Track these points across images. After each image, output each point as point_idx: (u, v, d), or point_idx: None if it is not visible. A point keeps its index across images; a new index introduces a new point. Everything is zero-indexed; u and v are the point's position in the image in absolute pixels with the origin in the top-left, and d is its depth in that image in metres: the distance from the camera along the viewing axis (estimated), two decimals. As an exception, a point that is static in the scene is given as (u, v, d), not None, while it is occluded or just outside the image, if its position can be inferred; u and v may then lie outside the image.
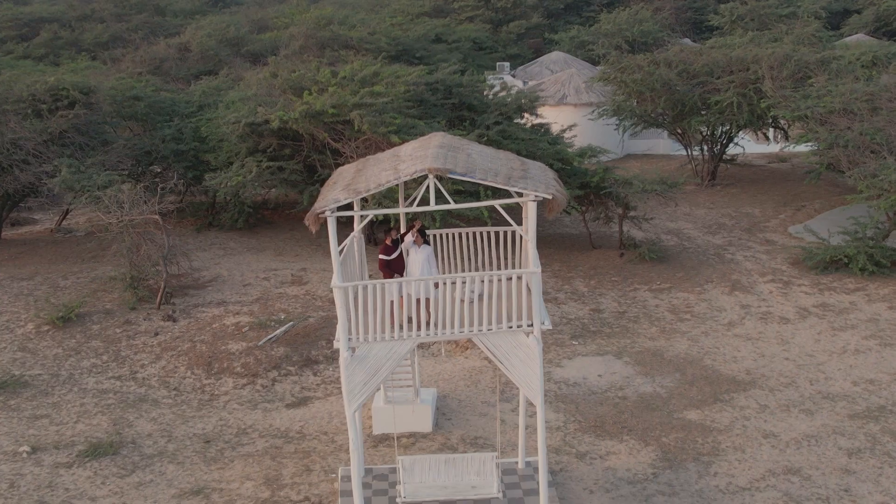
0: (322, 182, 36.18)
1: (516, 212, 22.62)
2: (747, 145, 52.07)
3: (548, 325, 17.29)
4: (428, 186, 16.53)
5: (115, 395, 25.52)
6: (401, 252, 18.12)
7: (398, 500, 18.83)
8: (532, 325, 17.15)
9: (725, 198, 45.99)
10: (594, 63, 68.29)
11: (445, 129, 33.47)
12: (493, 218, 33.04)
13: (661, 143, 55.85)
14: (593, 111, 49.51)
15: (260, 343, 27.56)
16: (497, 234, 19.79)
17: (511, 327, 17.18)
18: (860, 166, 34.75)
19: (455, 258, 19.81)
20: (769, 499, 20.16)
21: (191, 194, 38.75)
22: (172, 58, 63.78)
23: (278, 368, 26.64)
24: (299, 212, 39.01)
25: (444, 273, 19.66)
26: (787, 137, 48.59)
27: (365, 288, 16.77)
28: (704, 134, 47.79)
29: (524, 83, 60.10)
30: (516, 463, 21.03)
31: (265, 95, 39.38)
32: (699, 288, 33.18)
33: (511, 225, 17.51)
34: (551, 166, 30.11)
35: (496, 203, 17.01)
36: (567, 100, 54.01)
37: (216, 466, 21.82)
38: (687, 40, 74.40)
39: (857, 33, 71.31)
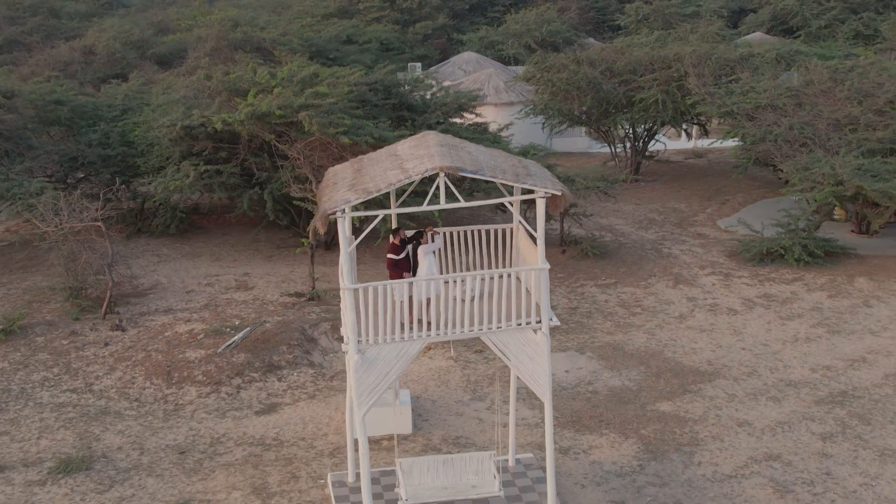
0: (260, 185, 35.62)
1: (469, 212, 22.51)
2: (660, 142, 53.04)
3: (556, 322, 17.33)
4: (438, 185, 16.36)
5: (75, 409, 24.63)
6: (408, 252, 17.92)
7: (400, 502, 18.63)
8: (540, 321, 17.17)
9: (650, 194, 46.76)
10: (505, 63, 68.69)
11: (391, 130, 33.26)
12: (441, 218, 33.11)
13: (580, 141, 56.53)
14: (520, 110, 49.84)
15: (219, 350, 26.92)
16: (487, 232, 19.71)
17: (520, 324, 17.17)
18: (792, 160, 35.78)
19: (446, 258, 19.66)
20: (756, 485, 20.59)
21: (117, 200, 37.65)
22: (77, 61, 61.83)
23: (241, 375, 26.06)
24: (237, 215, 38.35)
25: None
26: (706, 133, 49.77)
27: (375, 289, 16.53)
28: (627, 131, 48.57)
29: (437, 83, 59.98)
30: (506, 461, 21.02)
31: (193, 98, 38.56)
32: (644, 282, 33.68)
33: (524, 224, 17.47)
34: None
35: (506, 201, 16.99)
36: (487, 100, 54.16)
37: (198, 477, 21.24)
38: (591, 40, 75.48)
39: (754, 32, 73.32)
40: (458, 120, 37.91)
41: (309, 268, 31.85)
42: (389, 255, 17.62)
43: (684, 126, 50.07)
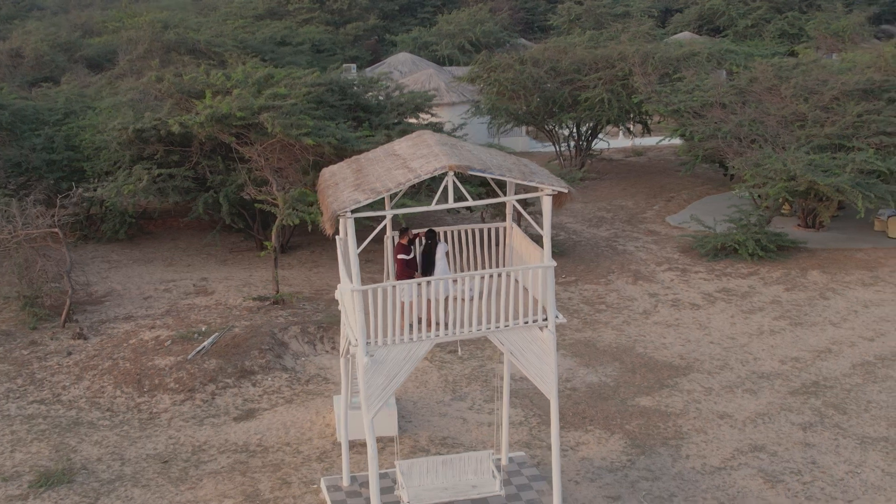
0: (214, 188, 35.06)
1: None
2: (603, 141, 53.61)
3: (562, 319, 17.36)
4: (447, 184, 16.26)
5: (46, 420, 23.94)
6: (415, 252, 17.76)
7: (401, 505, 18.50)
8: (546, 319, 17.19)
9: (596, 192, 47.16)
10: (439, 63, 68.70)
11: (351, 130, 33.03)
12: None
13: (521, 141, 56.81)
14: (468, 110, 49.89)
15: (189, 356, 26.41)
16: (481, 231, 19.67)
17: (527, 322, 17.16)
18: (743, 156, 36.41)
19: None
20: (746, 476, 20.90)
21: (61, 206, 36.61)
22: (4, 64, 60.15)
23: (215, 382, 25.60)
24: (192, 220, 37.71)
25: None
26: (648, 131, 50.38)
27: (384, 290, 16.36)
28: (571, 130, 48.96)
29: (394, 83, 59.67)
30: (499, 459, 20.99)
31: (141, 100, 37.83)
32: (604, 279, 33.96)
33: (533, 223, 17.45)
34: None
35: (512, 199, 17.00)
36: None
37: (186, 487, 20.81)
38: (522, 40, 75.91)
39: (682, 31, 74.43)
40: (413, 120, 37.79)
41: (272, 271, 31.45)
42: (400, 256, 17.43)
43: (628, 125, 50.63)
